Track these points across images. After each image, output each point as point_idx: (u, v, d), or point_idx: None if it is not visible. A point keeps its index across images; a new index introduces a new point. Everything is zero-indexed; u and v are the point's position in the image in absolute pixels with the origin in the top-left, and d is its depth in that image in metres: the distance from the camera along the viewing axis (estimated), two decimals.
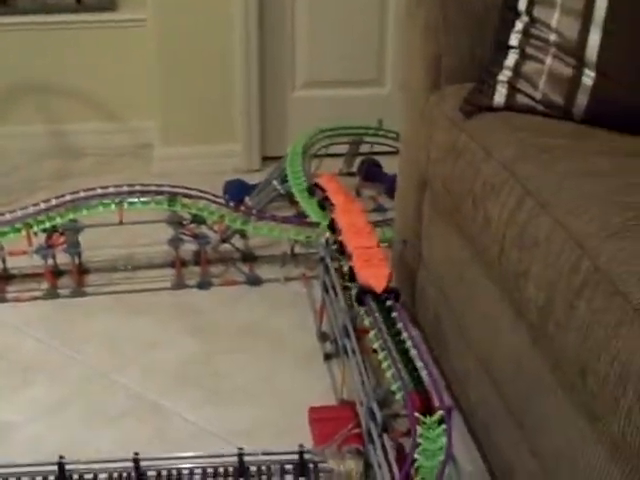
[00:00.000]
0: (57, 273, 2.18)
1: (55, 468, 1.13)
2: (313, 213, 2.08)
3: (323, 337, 1.92)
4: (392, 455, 1.23)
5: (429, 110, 1.65)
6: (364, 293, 1.53)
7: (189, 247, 2.20)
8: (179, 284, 2.17)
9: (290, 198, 2.32)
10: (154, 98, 2.89)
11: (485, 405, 1.46)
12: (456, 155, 1.50)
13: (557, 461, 1.15)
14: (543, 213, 1.17)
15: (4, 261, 2.16)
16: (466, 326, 1.55)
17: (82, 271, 2.19)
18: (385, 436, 1.26)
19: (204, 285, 2.17)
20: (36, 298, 2.11)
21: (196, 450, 1.53)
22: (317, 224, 2.07)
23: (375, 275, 1.56)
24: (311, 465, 1.24)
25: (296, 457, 1.21)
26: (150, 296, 2.12)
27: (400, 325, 1.41)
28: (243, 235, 2.25)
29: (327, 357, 1.87)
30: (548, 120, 1.45)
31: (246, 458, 1.16)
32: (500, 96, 1.48)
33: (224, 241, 2.25)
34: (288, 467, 1.20)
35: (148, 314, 2.04)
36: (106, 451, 1.53)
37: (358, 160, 2.78)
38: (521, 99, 1.47)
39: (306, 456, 1.22)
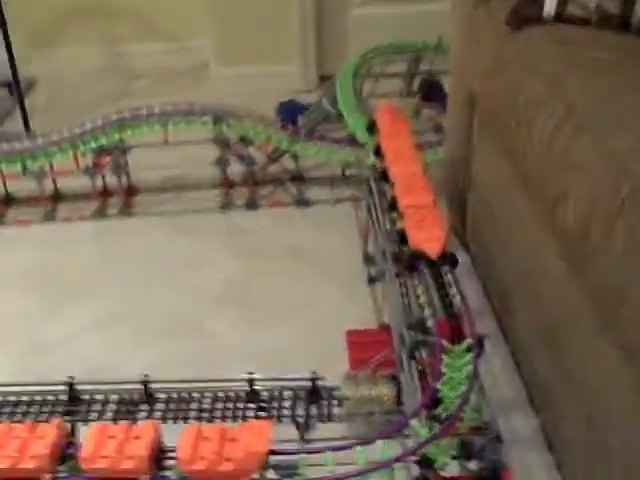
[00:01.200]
0: (106, 194, 2.19)
1: (66, 388, 1.13)
2: (360, 134, 2.01)
3: (368, 260, 1.88)
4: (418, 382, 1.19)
5: (477, 23, 1.55)
6: (416, 258, 1.29)
7: (237, 168, 2.17)
8: (226, 204, 2.14)
9: (341, 119, 2.25)
10: (211, 16, 2.83)
11: (526, 331, 1.40)
12: (502, 69, 1.40)
13: (591, 393, 1.10)
14: (584, 132, 1.08)
15: (54, 181, 2.18)
16: (511, 250, 1.49)
17: (130, 192, 2.19)
18: (412, 363, 1.22)
19: (252, 205, 2.14)
20: (85, 218, 2.12)
21: (233, 371, 1.53)
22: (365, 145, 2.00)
23: (429, 237, 1.31)
24: (324, 392, 1.20)
25: (309, 384, 1.18)
26: (197, 216, 2.11)
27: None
28: (294, 156, 2.20)
29: (371, 280, 1.83)
30: (602, 32, 1.34)
31: (258, 383, 1.14)
32: (550, 6, 1.37)
33: (272, 161, 2.21)
34: (300, 393, 1.16)
35: (194, 234, 2.03)
36: (144, 369, 1.54)
37: (418, 79, 2.67)
38: (573, 9, 1.36)
39: (319, 383, 1.19)
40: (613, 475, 1.04)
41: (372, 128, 1.76)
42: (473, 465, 1.08)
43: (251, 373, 1.15)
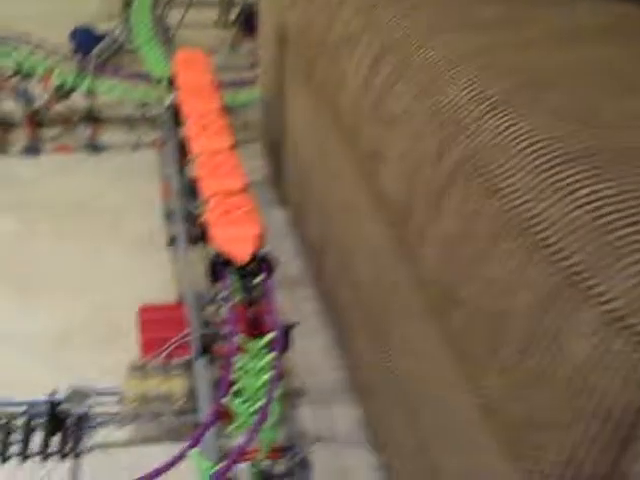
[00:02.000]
0: None
1: None
2: (157, 66, 1.72)
3: (169, 217, 1.61)
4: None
5: None
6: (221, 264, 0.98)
7: (16, 105, 1.82)
8: (1, 148, 1.80)
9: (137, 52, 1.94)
10: None
11: (348, 310, 1.20)
12: None
13: (419, 391, 0.91)
14: (404, 77, 0.86)
15: None
16: (328, 213, 1.27)
17: None
18: (204, 361, 0.98)
19: (31, 150, 1.81)
20: None
21: None
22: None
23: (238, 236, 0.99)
24: (71, 418, 0.94)
25: (44, 408, 0.91)
26: None
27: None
28: (90, 91, 1.87)
29: (172, 241, 1.56)
30: None
31: None
32: None
33: (59, 99, 1.87)
34: (36, 422, 0.89)
35: None
36: None
37: (236, 8, 2.40)
38: None
39: (61, 407, 0.93)
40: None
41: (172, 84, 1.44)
42: None
43: None
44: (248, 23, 2.37)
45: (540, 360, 0.59)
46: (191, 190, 1.24)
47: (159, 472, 0.75)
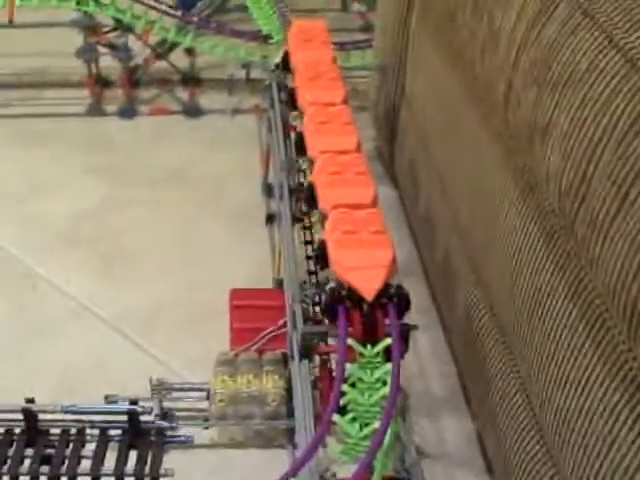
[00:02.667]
0: None
1: None
2: (265, 23, 1.57)
3: (269, 191, 1.46)
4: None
5: None
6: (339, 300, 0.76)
7: (115, 64, 1.70)
8: (95, 109, 1.69)
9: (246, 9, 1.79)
10: None
11: (470, 310, 1.03)
12: None
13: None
14: (586, 24, 0.67)
15: None
16: (453, 196, 1.10)
17: None
18: (305, 363, 0.83)
19: (127, 112, 1.70)
20: None
21: (69, 338, 1.14)
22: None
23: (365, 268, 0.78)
24: (152, 433, 0.80)
25: (124, 418, 0.77)
26: (57, 122, 1.67)
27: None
28: (189, 51, 1.74)
29: (270, 219, 1.41)
30: None
31: (43, 416, 0.73)
32: None
33: (158, 57, 1.75)
34: (113, 433, 0.76)
35: (51, 145, 1.60)
36: None
37: None
38: None
39: (142, 417, 0.78)
40: None
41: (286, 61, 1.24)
42: None
43: (29, 400, 0.73)
44: None
45: None
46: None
47: None
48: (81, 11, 1.58)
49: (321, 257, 0.84)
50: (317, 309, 0.91)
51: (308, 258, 1.03)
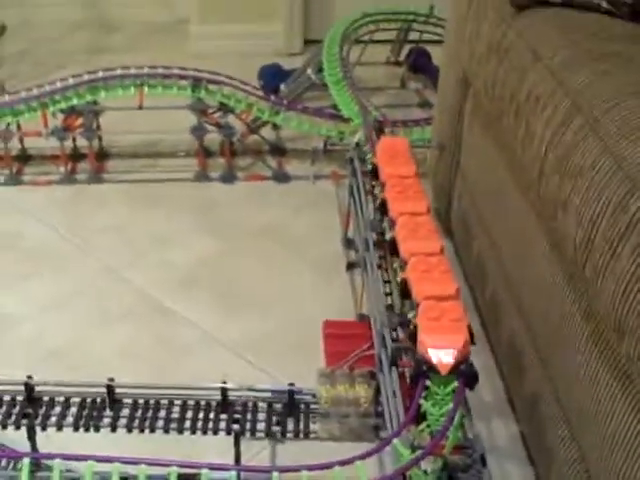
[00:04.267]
0: (75, 157, 2.08)
1: (22, 388, 1.05)
2: (346, 108, 1.91)
3: (348, 244, 1.80)
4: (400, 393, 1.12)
5: None
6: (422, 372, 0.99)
7: (215, 137, 2.06)
8: (201, 175, 2.05)
9: (326, 88, 2.14)
10: None
11: (513, 337, 1.33)
12: (501, 55, 1.31)
13: (581, 412, 1.03)
14: (592, 135, 0.99)
15: (22, 141, 2.06)
16: (499, 247, 1.41)
17: (101, 156, 2.09)
18: (394, 370, 1.15)
19: (228, 178, 2.04)
20: (52, 182, 2.01)
21: (199, 358, 1.46)
22: (350, 120, 1.90)
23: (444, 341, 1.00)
24: (302, 405, 1.13)
25: (285, 396, 1.10)
26: (170, 186, 2.02)
27: None
28: (275, 126, 2.10)
29: (350, 266, 1.74)
30: (613, 20, 1.25)
31: (231, 393, 1.06)
32: None
33: (252, 132, 2.10)
34: (277, 406, 1.09)
35: (166, 206, 1.94)
36: (105, 354, 1.46)
37: (406, 49, 2.58)
38: None
39: (297, 396, 1.11)
40: None
41: (375, 172, 1.48)
42: None
43: (224, 382, 1.07)
44: (417, 63, 2.55)
45: None
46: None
47: (369, 454, 0.92)
48: (195, 97, 1.95)
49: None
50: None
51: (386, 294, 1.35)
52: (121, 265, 1.73)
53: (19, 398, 1.05)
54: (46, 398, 1.06)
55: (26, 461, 0.91)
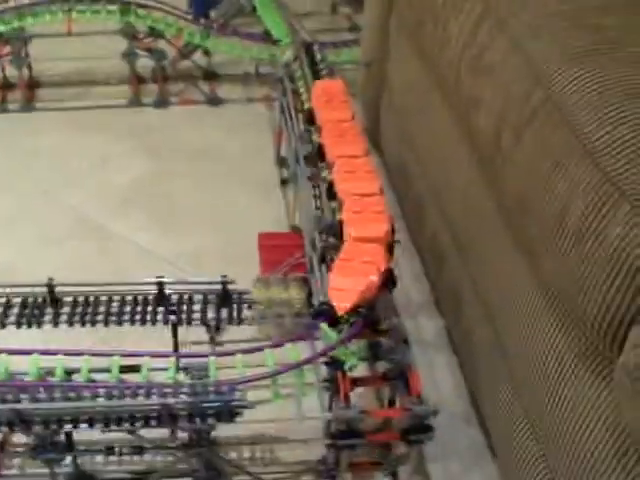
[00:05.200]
0: (5, 87, 2.07)
1: None
2: (275, 29, 1.94)
3: (281, 162, 1.85)
4: None
5: None
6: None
7: (147, 63, 2.08)
8: (135, 101, 2.06)
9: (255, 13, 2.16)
10: None
11: (437, 238, 1.41)
12: None
13: (498, 298, 1.12)
14: (501, 34, 1.06)
15: None
16: (422, 156, 1.48)
17: (32, 85, 2.08)
18: (323, 266, 1.21)
19: (161, 103, 2.07)
20: None
21: (138, 271, 1.50)
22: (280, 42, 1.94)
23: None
24: (235, 296, 1.19)
25: (219, 287, 1.17)
26: (104, 113, 2.03)
27: None
28: (206, 52, 2.12)
29: (284, 183, 1.80)
30: None
31: (167, 287, 1.12)
32: None
33: (184, 57, 2.12)
34: (211, 297, 1.15)
35: (100, 132, 1.96)
36: (48, 272, 1.49)
37: None
38: None
39: (230, 286, 1.18)
40: (511, 374, 1.07)
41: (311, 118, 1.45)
42: (381, 366, 1.10)
43: (160, 277, 1.12)
44: None
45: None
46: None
47: (299, 338, 0.99)
48: (124, 22, 1.96)
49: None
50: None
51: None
52: (58, 188, 1.76)
53: None
54: None
55: None
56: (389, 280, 1.04)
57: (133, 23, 1.96)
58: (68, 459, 1.10)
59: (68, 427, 0.94)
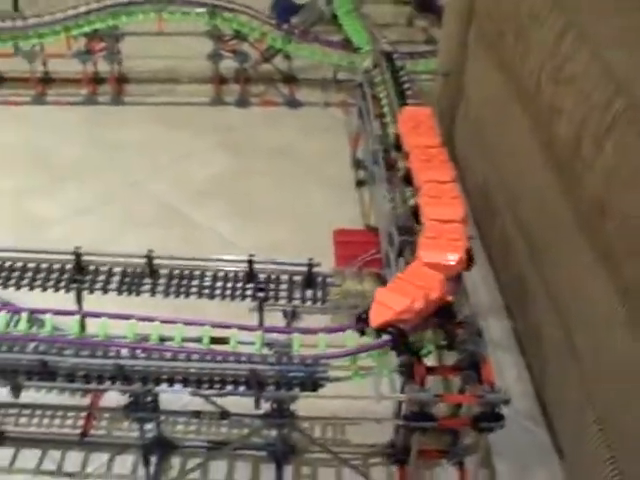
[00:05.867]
0: (97, 80, 2.18)
1: (72, 257, 1.17)
2: (356, 36, 2.01)
3: (357, 164, 1.92)
4: None
5: None
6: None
7: (230, 64, 2.17)
8: (217, 100, 2.16)
9: (336, 20, 2.24)
10: None
11: (508, 240, 1.46)
12: None
13: (571, 301, 1.16)
14: (584, 45, 1.11)
15: (45, 64, 2.17)
16: (498, 163, 1.53)
17: (121, 80, 2.19)
18: (400, 260, 1.27)
19: (242, 103, 2.16)
20: (75, 103, 2.12)
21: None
22: (360, 49, 2.01)
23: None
24: (319, 279, 1.26)
25: (305, 269, 1.24)
26: (188, 110, 2.13)
27: None
28: (287, 56, 2.21)
29: (359, 184, 1.87)
30: None
31: (256, 266, 1.20)
32: None
33: (266, 60, 2.21)
34: (296, 278, 1.23)
35: (184, 127, 2.05)
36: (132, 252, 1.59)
37: None
38: None
39: (317, 269, 1.25)
40: (583, 379, 1.11)
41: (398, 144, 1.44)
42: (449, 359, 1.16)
43: (251, 255, 1.20)
44: (423, 2, 2.63)
45: None
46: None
47: None
48: (211, 24, 2.05)
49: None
50: None
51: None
52: (144, 179, 1.85)
53: (68, 266, 1.18)
54: (92, 267, 1.19)
55: (24, 315, 1.04)
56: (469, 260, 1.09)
57: (219, 26, 2.05)
58: (151, 426, 1.18)
59: (164, 386, 1.02)
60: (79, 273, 1.19)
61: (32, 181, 1.83)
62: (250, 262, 1.20)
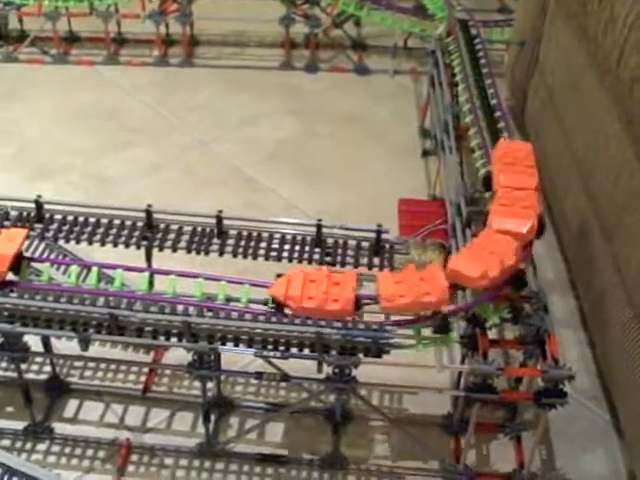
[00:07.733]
0: (168, 42, 2.19)
1: (144, 215, 1.18)
2: (431, 3, 1.97)
3: (424, 133, 1.89)
4: None
5: None
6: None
7: (300, 29, 2.15)
8: (287, 65, 2.15)
9: None
10: None
11: (577, 216, 1.43)
12: None
13: (636, 278, 1.13)
14: None
15: (119, 24, 2.18)
16: (571, 136, 1.49)
17: (192, 42, 2.20)
18: (467, 231, 1.26)
19: (311, 68, 2.14)
20: (147, 64, 2.14)
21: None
22: (433, 17, 1.97)
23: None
24: (387, 246, 1.25)
25: (373, 235, 1.23)
26: (257, 73, 2.12)
27: None
28: (357, 22, 2.18)
29: (425, 154, 1.85)
30: None
31: (324, 230, 1.19)
32: None
33: (336, 26, 2.19)
34: (364, 244, 1.22)
35: (253, 90, 2.05)
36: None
37: None
38: None
39: (383, 236, 1.24)
40: None
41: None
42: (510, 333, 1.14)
43: (319, 219, 1.19)
44: None
45: None
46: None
47: None
48: None
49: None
50: None
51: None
52: (211, 139, 1.86)
53: (139, 224, 1.19)
54: (162, 226, 1.20)
55: (94, 269, 1.05)
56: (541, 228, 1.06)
57: None
58: (211, 384, 1.19)
59: (229, 345, 1.02)
60: (149, 230, 1.20)
61: (103, 140, 1.85)
62: (318, 227, 1.20)
